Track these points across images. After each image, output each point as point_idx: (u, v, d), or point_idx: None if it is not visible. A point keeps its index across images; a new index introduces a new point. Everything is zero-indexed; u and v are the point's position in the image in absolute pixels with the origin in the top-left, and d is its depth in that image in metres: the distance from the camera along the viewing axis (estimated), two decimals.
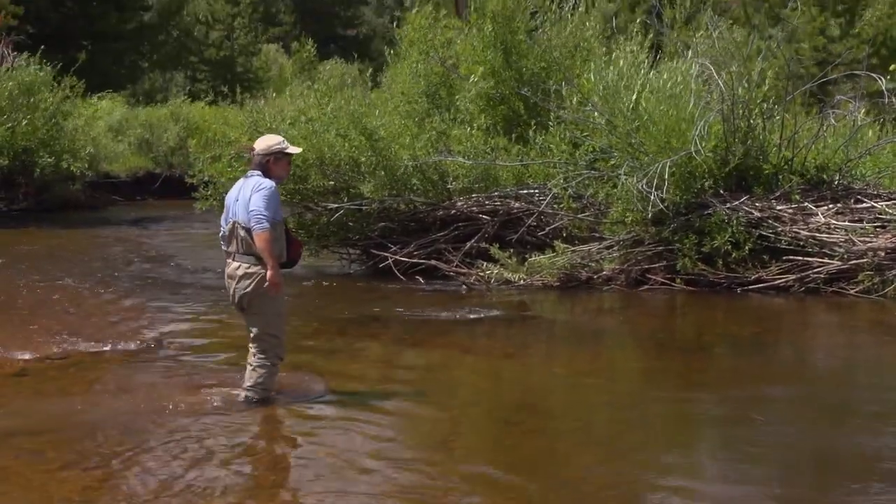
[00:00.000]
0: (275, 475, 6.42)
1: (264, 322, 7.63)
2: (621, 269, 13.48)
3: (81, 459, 6.49)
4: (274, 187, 7.46)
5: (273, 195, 7.41)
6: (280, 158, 7.64)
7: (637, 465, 6.51)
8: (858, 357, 10.03)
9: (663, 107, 13.60)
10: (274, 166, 7.62)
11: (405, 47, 17.09)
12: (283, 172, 7.75)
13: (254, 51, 50.41)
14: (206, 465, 6.40)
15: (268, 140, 7.78)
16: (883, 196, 13.51)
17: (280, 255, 7.54)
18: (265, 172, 7.58)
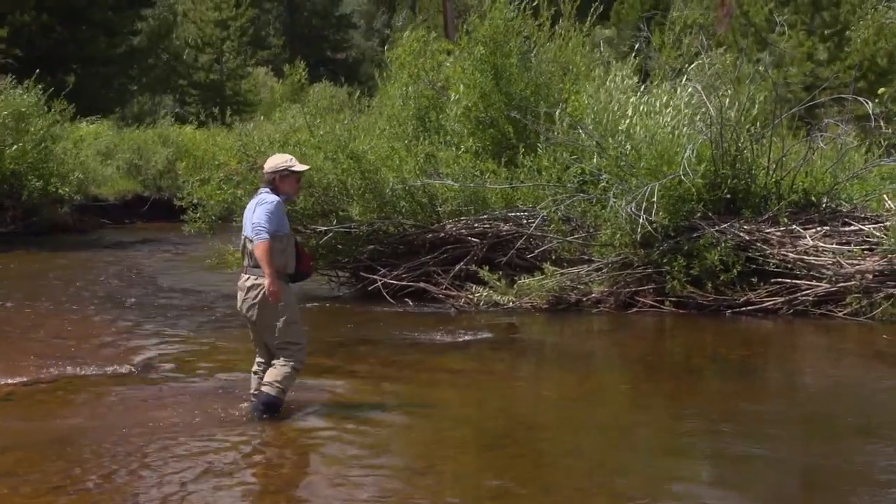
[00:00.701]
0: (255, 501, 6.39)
1: (280, 332, 7.92)
2: (610, 292, 13.49)
3: (65, 481, 6.45)
4: (278, 202, 7.77)
5: (276, 210, 7.72)
6: (286, 176, 7.97)
7: (626, 488, 6.49)
8: (846, 379, 10.03)
9: (653, 130, 13.65)
10: (281, 184, 7.96)
11: (395, 70, 17.14)
12: (290, 189, 8.07)
13: (243, 74, 50.50)
14: (193, 484, 6.36)
15: (275, 159, 8.11)
16: (870, 219, 13.55)
17: (286, 266, 7.91)
18: (274, 190, 7.92)
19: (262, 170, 8.18)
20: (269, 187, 7.96)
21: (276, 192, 7.93)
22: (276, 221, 7.71)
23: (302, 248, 8.35)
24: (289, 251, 7.96)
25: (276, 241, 7.73)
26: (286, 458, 7.13)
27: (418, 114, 16.22)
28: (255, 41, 57.49)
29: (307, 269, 8.37)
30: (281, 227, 7.78)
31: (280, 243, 7.79)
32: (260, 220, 7.66)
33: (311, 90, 45.22)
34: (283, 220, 7.82)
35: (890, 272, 12.46)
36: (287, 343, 7.96)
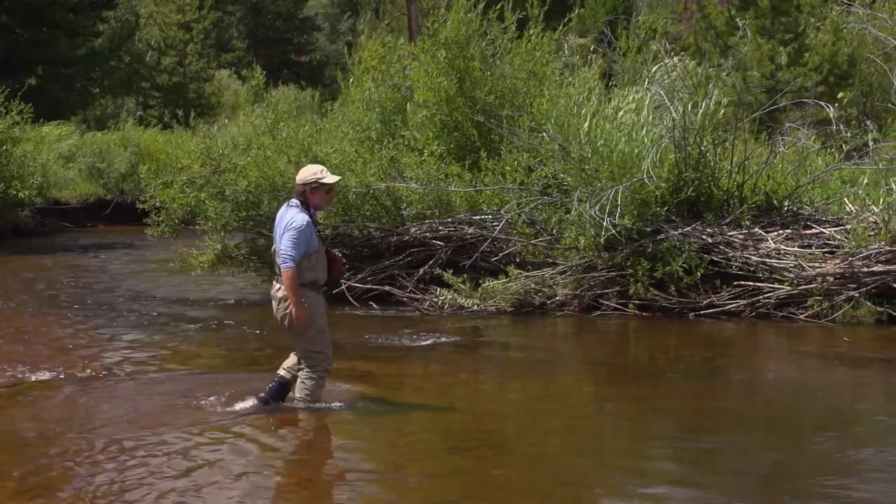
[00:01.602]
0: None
1: (307, 341, 8.19)
2: (574, 295, 13.54)
3: (23, 486, 6.40)
4: (306, 224, 7.94)
5: (301, 234, 7.91)
6: (316, 188, 8.11)
7: (591, 489, 6.52)
8: (808, 381, 10.11)
9: (617, 134, 13.71)
10: (311, 196, 8.12)
11: (359, 74, 17.12)
12: (320, 201, 8.23)
13: (206, 77, 50.22)
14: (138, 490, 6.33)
15: (305, 171, 8.25)
16: (831, 222, 13.67)
17: (318, 279, 8.20)
18: (304, 202, 8.11)
19: (294, 182, 8.37)
20: (300, 199, 8.13)
21: (306, 204, 8.11)
22: (303, 244, 7.93)
23: (333, 254, 8.52)
24: (319, 265, 8.18)
25: (305, 261, 7.98)
26: (248, 462, 7.09)
27: (382, 117, 16.20)
28: (218, 44, 57.17)
29: (338, 276, 8.64)
30: (310, 245, 8.01)
31: (309, 261, 8.04)
32: (286, 247, 7.91)
33: (274, 93, 45.07)
34: (311, 239, 8.01)
35: (850, 275, 12.58)
36: (312, 352, 8.22)
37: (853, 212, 13.70)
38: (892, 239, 12.68)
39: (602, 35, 21.72)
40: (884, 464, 7.05)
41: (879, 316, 12.31)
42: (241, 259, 15.81)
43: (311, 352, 8.25)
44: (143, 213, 16.40)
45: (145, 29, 50.30)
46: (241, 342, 12.08)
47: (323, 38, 71.84)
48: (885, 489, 6.44)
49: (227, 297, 15.80)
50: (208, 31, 51.64)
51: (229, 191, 15.00)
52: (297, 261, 7.91)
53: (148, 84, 48.63)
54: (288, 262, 7.90)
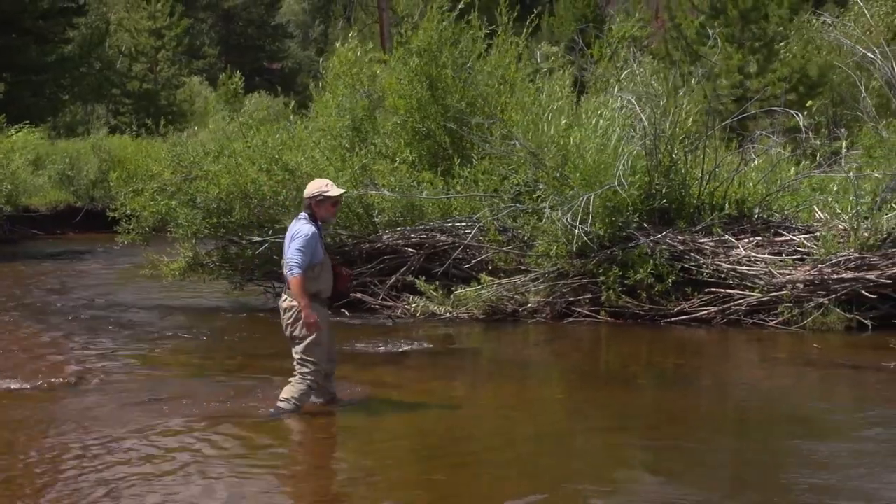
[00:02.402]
0: None
1: (302, 348, 8.40)
2: (546, 302, 13.56)
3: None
4: (311, 234, 8.22)
5: (308, 243, 8.19)
6: (322, 201, 8.40)
7: (563, 496, 6.52)
8: (777, 387, 10.17)
9: (588, 141, 13.75)
10: (317, 208, 8.42)
11: (331, 81, 17.09)
12: (326, 214, 8.50)
13: (178, 84, 50.03)
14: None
15: (312, 185, 8.54)
16: (801, 229, 13.75)
17: (322, 290, 8.47)
18: (311, 214, 8.40)
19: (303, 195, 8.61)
20: (308, 212, 8.41)
21: (313, 216, 8.39)
22: (308, 253, 8.19)
23: (339, 268, 8.81)
24: (323, 276, 8.45)
25: (310, 271, 8.25)
26: (213, 469, 7.05)
27: (354, 124, 16.18)
28: (190, 50, 56.99)
29: (343, 288, 8.93)
30: (315, 256, 8.28)
31: (313, 272, 8.29)
32: (291, 255, 8.19)
33: (247, 100, 44.95)
34: (316, 250, 8.28)
35: (820, 282, 12.66)
36: (305, 360, 8.41)
37: (823, 219, 13.79)
38: (861, 246, 12.78)
39: (573, 43, 21.80)
40: (852, 469, 7.09)
41: (849, 323, 12.40)
42: (213, 267, 15.74)
43: (304, 359, 8.42)
44: (114, 221, 16.30)
45: (116, 35, 50.07)
46: (212, 350, 12.02)
47: (295, 46, 71.80)
48: (852, 494, 6.49)
49: (198, 305, 15.73)
50: (180, 37, 51.45)
51: (200, 198, 14.93)
52: (303, 268, 8.16)
53: (118, 91, 48.41)
54: (294, 269, 8.16)
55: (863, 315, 12.44)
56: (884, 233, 12.82)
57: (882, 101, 19.16)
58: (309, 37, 73.46)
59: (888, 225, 12.85)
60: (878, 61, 15.66)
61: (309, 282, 8.27)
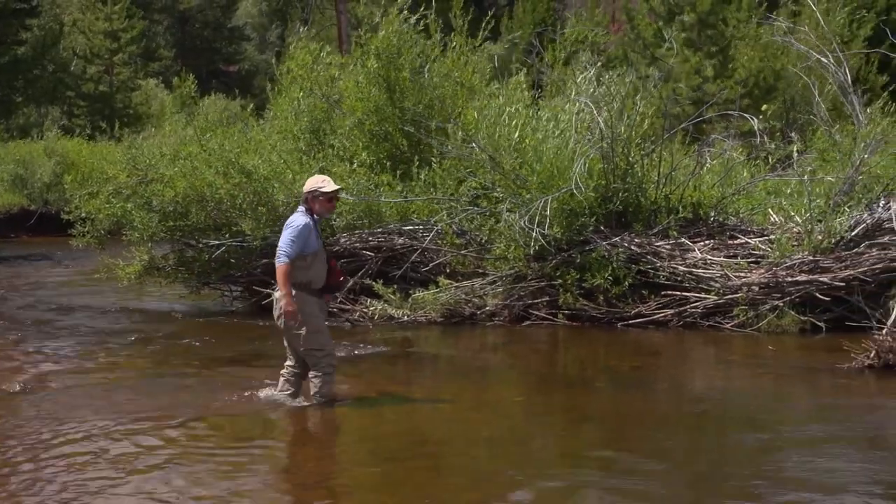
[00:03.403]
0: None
1: (303, 340, 8.65)
2: (504, 305, 13.58)
3: None
4: (304, 225, 8.48)
5: (300, 232, 8.45)
6: (318, 197, 8.67)
7: (521, 498, 6.53)
8: (733, 389, 10.24)
9: (545, 144, 13.80)
10: (314, 204, 8.69)
11: (287, 83, 17.03)
12: (322, 209, 8.78)
13: (133, 86, 49.61)
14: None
15: (310, 182, 8.82)
16: (756, 232, 13.87)
17: (312, 281, 8.65)
18: (309, 209, 8.65)
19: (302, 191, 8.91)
20: (305, 206, 8.68)
21: (310, 211, 8.64)
22: (300, 243, 8.43)
23: (334, 262, 8.98)
24: (315, 268, 8.63)
25: (300, 260, 8.47)
26: (176, 472, 6.99)
27: (311, 127, 16.13)
28: (145, 53, 56.51)
29: (337, 283, 9.05)
30: (307, 247, 8.49)
31: (304, 262, 8.50)
32: (282, 243, 8.44)
33: (203, 103, 44.67)
34: (309, 241, 8.51)
35: (775, 284, 12.76)
36: (311, 350, 8.70)
37: (777, 222, 13.91)
38: (814, 249, 12.90)
39: (530, 46, 21.85)
40: (804, 468, 7.16)
41: (803, 325, 12.51)
42: (169, 270, 15.64)
43: (309, 350, 8.69)
44: (69, 224, 16.16)
45: (70, 37, 49.56)
46: (168, 354, 11.93)
47: (252, 48, 71.38)
48: (805, 492, 6.55)
49: (154, 309, 15.62)
50: (135, 39, 51.01)
51: (156, 201, 14.83)
52: (291, 257, 8.37)
53: (73, 93, 47.94)
54: (281, 257, 8.39)
55: (816, 317, 12.56)
56: (837, 236, 12.95)
57: (835, 106, 19.37)
58: (266, 39, 73.09)
59: (841, 228, 12.99)
60: (831, 66, 15.82)
61: (299, 271, 8.49)
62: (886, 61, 26.39)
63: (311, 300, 8.69)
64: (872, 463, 7.35)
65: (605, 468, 7.35)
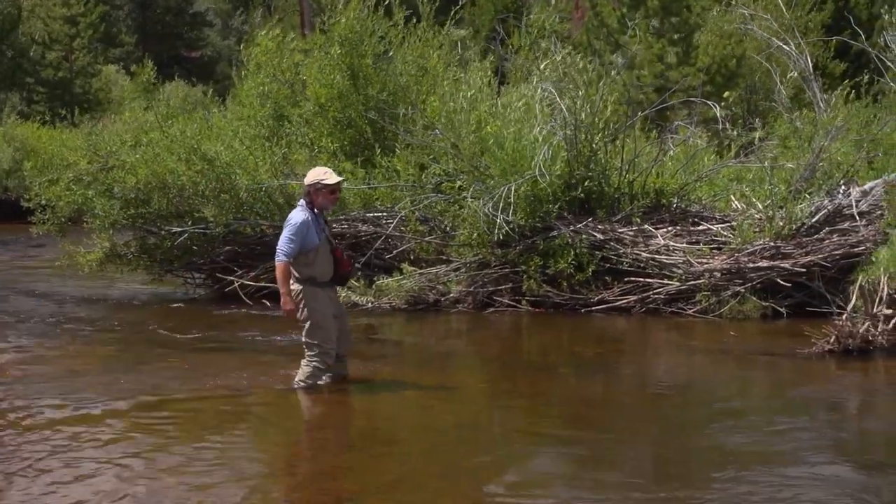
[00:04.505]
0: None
1: (305, 332, 8.80)
2: (468, 292, 13.59)
3: None
4: (302, 222, 8.53)
5: (297, 230, 8.51)
6: (320, 189, 8.69)
7: (483, 484, 6.54)
8: (695, 375, 10.31)
9: (508, 130, 13.80)
10: (315, 196, 8.72)
11: (251, 70, 16.93)
12: (324, 201, 8.80)
13: (94, 72, 49.12)
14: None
15: (311, 174, 8.86)
16: (718, 218, 13.95)
17: (317, 276, 8.72)
18: (310, 202, 8.70)
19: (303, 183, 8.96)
20: (306, 199, 8.73)
21: (311, 204, 8.68)
22: (298, 241, 8.51)
23: (341, 252, 9.03)
24: (318, 262, 8.68)
25: (303, 257, 8.56)
26: (139, 461, 6.95)
27: (274, 114, 16.05)
28: (106, 38, 55.95)
29: (345, 273, 9.12)
30: (307, 243, 8.55)
31: (307, 258, 8.59)
32: (280, 243, 8.55)
33: (165, 89, 44.31)
34: (308, 237, 8.55)
35: (737, 270, 12.85)
36: (310, 343, 8.80)
37: (739, 208, 14.00)
38: (776, 235, 12.99)
39: (494, 33, 21.83)
40: (765, 452, 7.23)
41: (764, 311, 12.61)
42: (131, 257, 15.54)
43: (309, 342, 8.79)
44: (29, 211, 16.01)
45: (28, 22, 48.97)
46: (129, 342, 11.85)
47: (214, 34, 70.89)
48: (766, 477, 6.61)
49: (116, 297, 15.51)
50: (95, 25, 50.50)
51: (118, 188, 14.72)
52: (289, 256, 8.48)
53: (32, 79, 47.41)
54: (279, 256, 8.50)
55: (778, 303, 12.66)
56: (798, 222, 13.05)
57: (797, 92, 19.50)
58: (228, 25, 72.60)
59: (802, 214, 13.08)
60: (793, 53, 15.92)
61: (304, 267, 8.60)
62: (845, 49, 26.59)
63: (320, 293, 8.77)
64: (831, 444, 7.49)
65: (568, 453, 7.38)
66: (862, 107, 17.35)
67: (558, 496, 6.40)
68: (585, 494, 6.43)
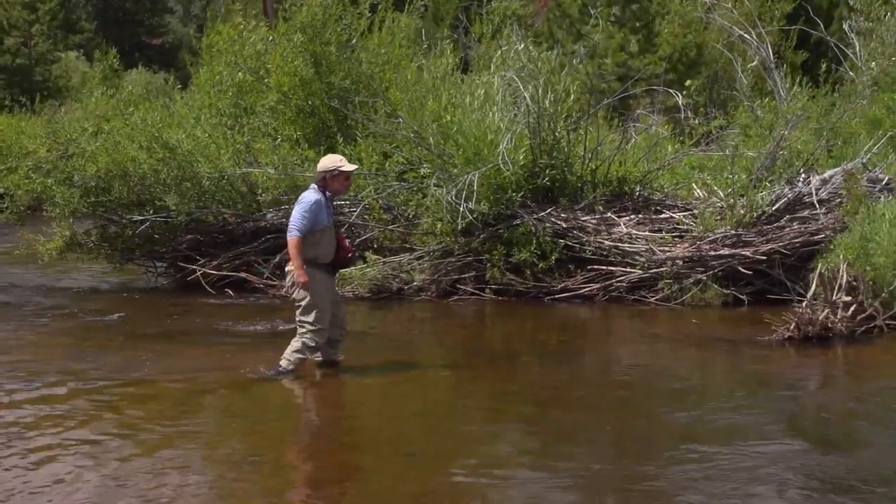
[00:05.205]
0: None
1: (300, 311, 9.01)
2: (432, 280, 13.59)
3: None
4: (315, 201, 8.80)
5: (310, 208, 8.76)
6: (336, 175, 9.00)
7: (448, 473, 6.55)
8: (658, 362, 10.37)
9: (471, 118, 13.81)
10: (331, 182, 9.02)
11: (212, 57, 16.82)
12: (339, 187, 9.19)
13: (53, 59, 48.61)
14: None
15: (326, 160, 9.13)
16: (680, 206, 14.02)
17: (320, 256, 8.94)
18: (323, 187, 8.96)
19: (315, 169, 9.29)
20: (319, 185, 8.98)
21: (324, 190, 8.94)
22: (310, 219, 8.73)
23: (343, 239, 9.31)
24: (323, 243, 8.92)
25: (310, 236, 8.76)
26: (99, 449, 6.90)
27: (236, 102, 15.95)
28: (65, 25, 55.38)
29: (345, 258, 9.40)
30: (317, 223, 8.78)
31: (313, 237, 8.79)
32: (294, 219, 8.77)
33: (126, 76, 43.93)
34: (319, 217, 8.79)
35: (699, 258, 12.93)
36: (303, 321, 8.99)
37: (701, 197, 14.07)
38: (737, 223, 13.08)
39: (457, 21, 21.82)
40: (723, 430, 7.37)
41: (726, 298, 12.70)
42: (92, 246, 15.42)
43: (302, 320, 8.98)
44: None
45: None
46: (90, 330, 11.76)
47: (175, 21, 70.35)
48: (723, 452, 6.73)
49: (77, 286, 15.38)
50: (55, 11, 49.96)
51: (78, 176, 14.60)
52: (302, 231, 8.69)
53: None
54: (293, 232, 8.69)
55: (739, 290, 12.75)
56: (759, 210, 13.14)
57: (757, 81, 19.62)
58: (190, 12, 72.07)
59: (763, 202, 13.18)
60: (753, 42, 16.02)
61: (309, 246, 8.78)
62: (805, 37, 26.77)
63: (320, 275, 8.95)
64: (787, 423, 7.63)
65: (531, 441, 7.42)
66: (821, 95, 17.48)
67: (520, 475, 6.46)
68: (547, 472, 6.51)
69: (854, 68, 18.20)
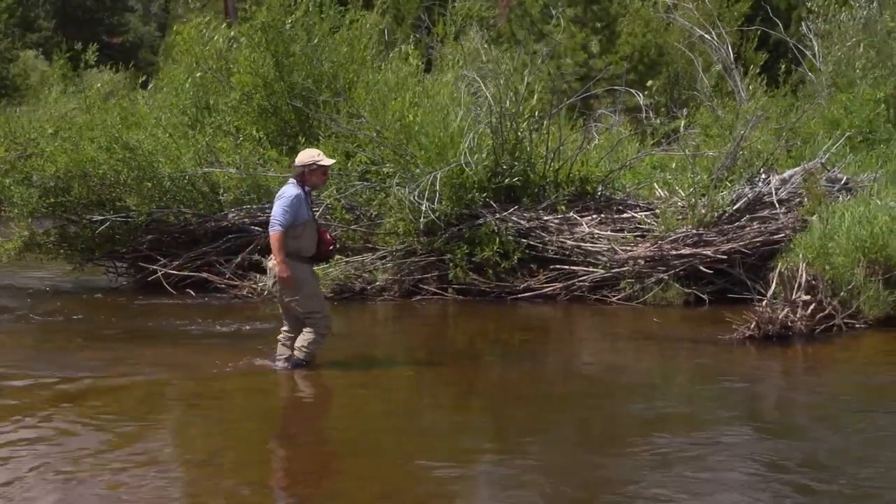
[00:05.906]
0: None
1: (301, 304, 9.06)
2: (395, 280, 13.58)
3: None
4: (295, 196, 8.86)
5: (291, 203, 8.82)
6: (314, 170, 9.08)
7: (411, 473, 6.55)
8: (620, 360, 10.43)
9: (433, 117, 13.81)
10: (309, 176, 9.09)
11: (174, 56, 16.72)
12: (317, 181, 9.27)
13: (11, 57, 48.11)
14: None
15: (304, 155, 9.21)
16: (642, 206, 14.08)
17: (302, 249, 9.00)
18: (302, 182, 9.02)
19: (293, 164, 9.47)
20: (298, 179, 9.04)
21: (303, 184, 9.00)
22: (291, 213, 8.79)
23: (324, 232, 9.41)
24: (305, 237, 8.98)
25: (292, 230, 8.82)
26: (60, 449, 6.84)
27: (198, 101, 15.86)
28: (23, 23, 54.80)
29: (326, 252, 9.42)
30: (298, 217, 8.84)
31: (295, 231, 8.85)
32: (275, 213, 8.83)
33: (85, 75, 43.53)
34: (299, 211, 8.85)
35: (660, 258, 12.99)
36: (310, 313, 9.08)
37: (662, 196, 14.15)
38: (698, 223, 13.16)
39: (419, 21, 21.82)
40: (682, 422, 7.50)
41: (687, 297, 12.77)
42: (51, 246, 15.29)
43: (307, 313, 9.07)
44: None
45: None
46: (49, 331, 11.66)
47: (136, 20, 69.80)
48: (682, 441, 6.86)
49: (36, 286, 15.24)
50: (12, 8, 49.44)
51: (36, 177, 14.47)
52: (284, 226, 8.74)
53: None
54: (275, 226, 8.77)
55: (700, 290, 12.83)
56: (720, 209, 13.22)
57: (718, 81, 19.76)
58: (150, 11, 71.56)
59: (723, 202, 13.26)
60: (714, 43, 16.13)
61: (290, 240, 8.83)
62: (765, 38, 26.97)
63: (304, 266, 9.06)
64: (745, 415, 7.68)
65: (496, 439, 7.44)
66: (781, 96, 17.63)
67: (483, 469, 6.50)
68: (510, 463, 6.58)
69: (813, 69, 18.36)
